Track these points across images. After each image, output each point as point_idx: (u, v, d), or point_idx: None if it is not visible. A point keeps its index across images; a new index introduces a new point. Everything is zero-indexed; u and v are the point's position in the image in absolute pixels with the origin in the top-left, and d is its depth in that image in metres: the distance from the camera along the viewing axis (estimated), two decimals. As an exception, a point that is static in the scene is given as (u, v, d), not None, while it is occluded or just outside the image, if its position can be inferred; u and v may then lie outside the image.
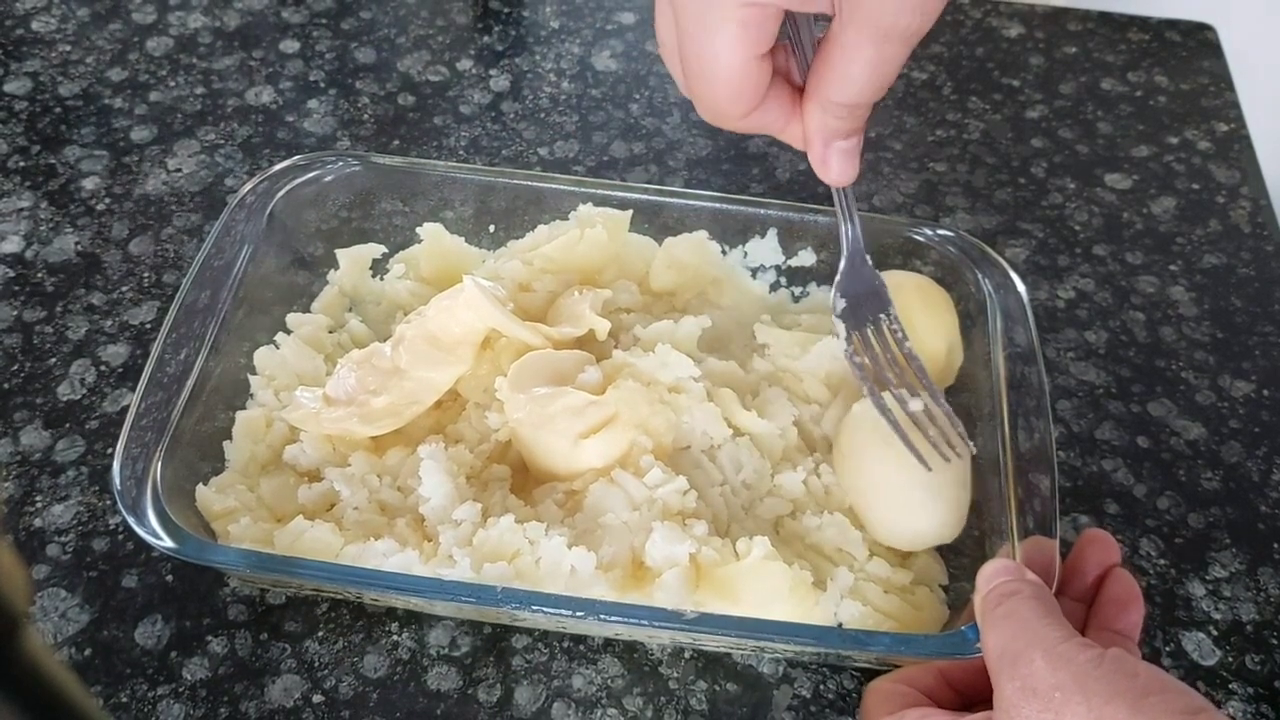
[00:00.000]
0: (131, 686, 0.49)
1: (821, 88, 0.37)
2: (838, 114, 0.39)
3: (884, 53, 0.35)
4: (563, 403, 0.50)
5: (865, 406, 0.50)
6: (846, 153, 0.41)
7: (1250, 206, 0.71)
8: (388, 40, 0.79)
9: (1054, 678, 0.36)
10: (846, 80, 0.36)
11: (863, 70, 0.36)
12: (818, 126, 0.40)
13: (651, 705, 0.49)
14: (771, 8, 0.34)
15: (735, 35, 0.35)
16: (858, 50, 0.35)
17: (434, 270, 0.60)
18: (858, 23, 0.34)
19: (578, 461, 0.50)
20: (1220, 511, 0.57)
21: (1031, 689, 0.37)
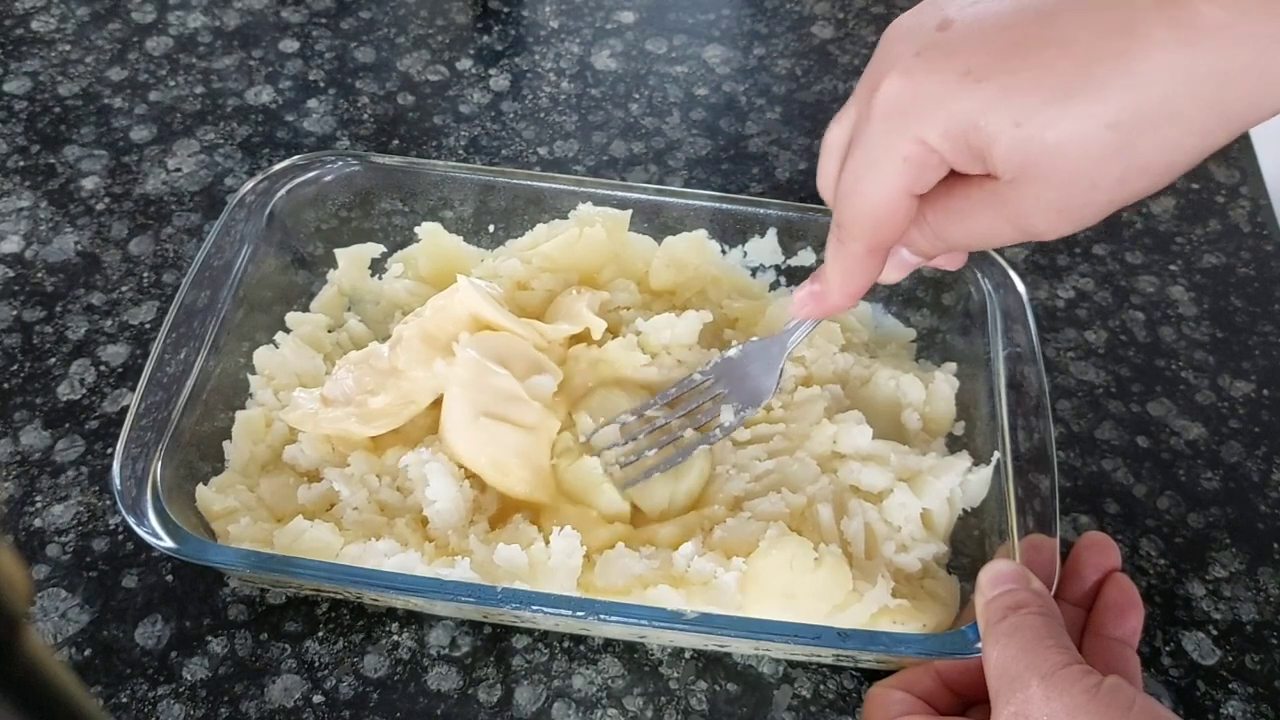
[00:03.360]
0: (132, 686, 0.49)
1: (935, 222, 0.38)
2: (926, 251, 0.41)
3: (1007, 237, 0.37)
4: (496, 382, 0.50)
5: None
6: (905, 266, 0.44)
7: (1250, 206, 0.71)
8: (387, 40, 0.79)
9: (1047, 707, 0.37)
10: (962, 232, 0.38)
11: (980, 237, 0.38)
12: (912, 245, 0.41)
13: (652, 705, 0.49)
14: (938, 156, 0.35)
15: (898, 168, 0.36)
16: (989, 223, 0.37)
17: (432, 270, 0.60)
18: (1008, 205, 0.35)
19: (462, 437, 0.50)
20: (1220, 511, 0.57)
21: (1025, 716, 0.37)
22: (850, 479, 0.51)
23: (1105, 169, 0.33)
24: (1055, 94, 0.32)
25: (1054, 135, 0.32)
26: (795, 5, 0.84)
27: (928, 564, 0.50)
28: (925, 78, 0.35)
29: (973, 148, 0.34)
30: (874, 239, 0.39)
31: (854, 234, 0.39)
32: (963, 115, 0.34)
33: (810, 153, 0.73)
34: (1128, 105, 0.32)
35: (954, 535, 0.51)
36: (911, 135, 0.35)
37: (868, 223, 0.38)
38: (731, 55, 0.79)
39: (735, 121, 0.75)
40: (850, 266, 0.41)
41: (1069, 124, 0.32)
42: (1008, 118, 0.33)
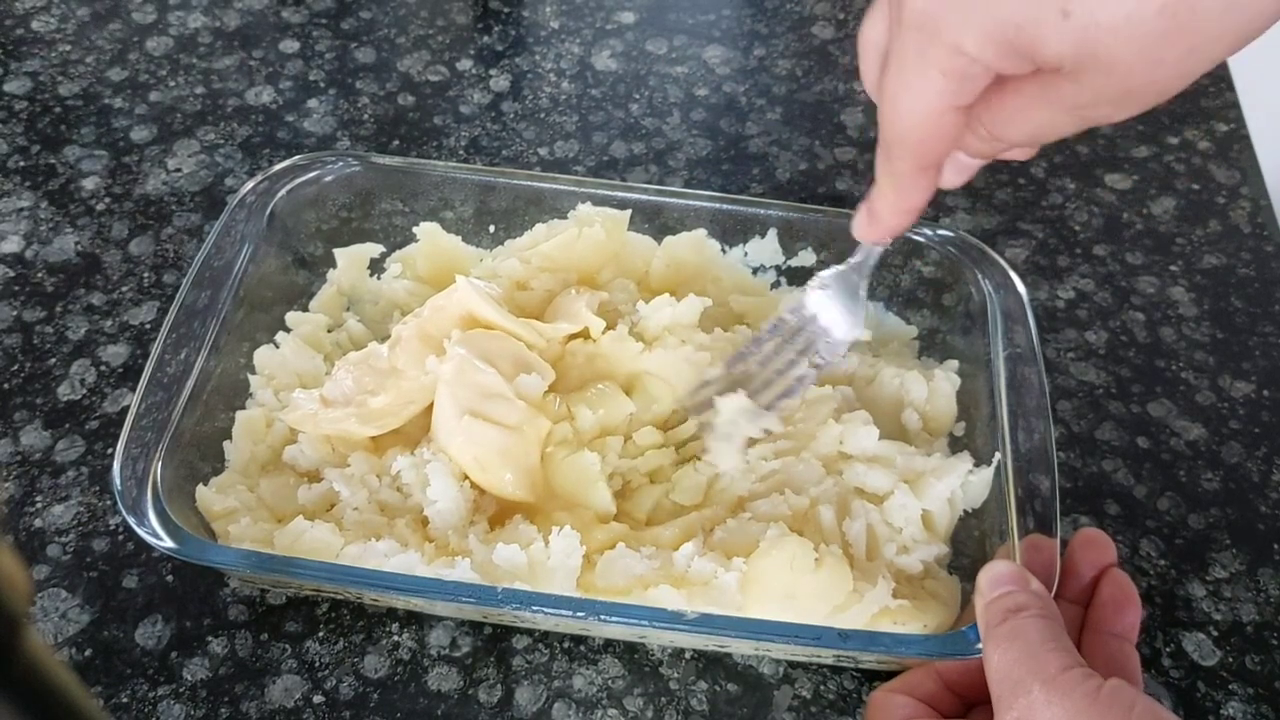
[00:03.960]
0: (132, 687, 0.49)
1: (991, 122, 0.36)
2: (984, 153, 0.38)
3: (1072, 128, 0.35)
4: (481, 380, 0.50)
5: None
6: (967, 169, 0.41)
7: (1250, 206, 0.71)
8: (388, 40, 0.79)
9: (1049, 711, 0.37)
10: (1021, 130, 0.35)
11: (1041, 131, 0.35)
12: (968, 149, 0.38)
13: (652, 706, 0.49)
14: (981, 65, 0.32)
15: (938, 85, 0.33)
16: (1050, 118, 0.34)
17: (431, 269, 0.60)
18: (1068, 97, 0.33)
19: (449, 434, 0.50)
20: (1220, 512, 0.57)
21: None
22: (855, 481, 0.51)
23: (1170, 43, 0.30)
24: None
25: (1109, 18, 0.29)
26: (795, 5, 0.84)
27: (929, 565, 0.50)
28: None
29: (1018, 49, 0.31)
30: (923, 157, 0.37)
31: (901, 153, 0.37)
32: (1005, 17, 0.31)
33: (811, 153, 0.73)
34: None
35: (955, 536, 0.51)
36: (948, 45, 0.32)
37: (913, 142, 0.36)
38: (732, 56, 0.79)
39: (735, 122, 0.75)
40: (901, 185, 0.38)
41: (1124, 2, 0.29)
42: (1054, 8, 0.30)
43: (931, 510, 0.50)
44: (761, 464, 0.52)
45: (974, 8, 0.31)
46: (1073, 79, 0.32)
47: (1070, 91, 0.32)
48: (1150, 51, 0.30)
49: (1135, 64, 0.30)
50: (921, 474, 0.51)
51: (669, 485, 0.52)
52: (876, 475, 0.50)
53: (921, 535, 0.50)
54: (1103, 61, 0.31)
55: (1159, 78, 0.31)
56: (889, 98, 0.35)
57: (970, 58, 0.32)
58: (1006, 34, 0.31)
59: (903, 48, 0.34)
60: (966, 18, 0.31)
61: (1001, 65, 0.32)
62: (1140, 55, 0.30)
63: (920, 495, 0.50)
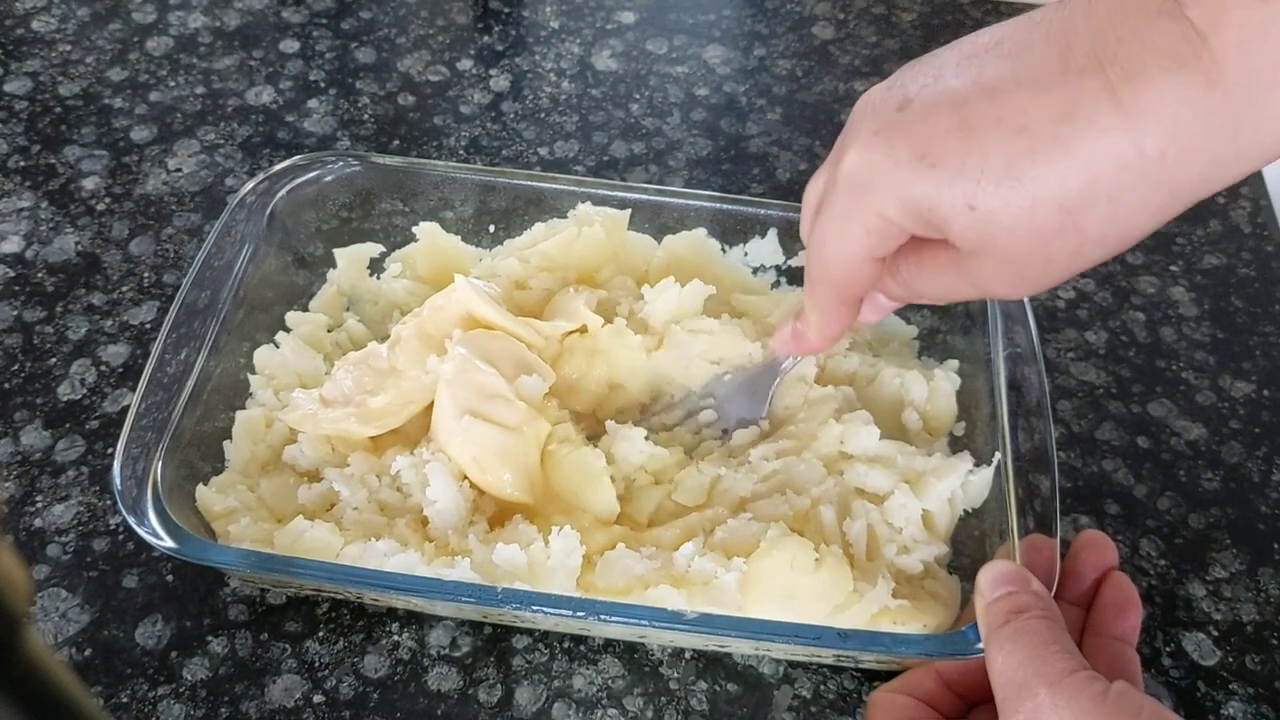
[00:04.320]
0: (132, 686, 0.49)
1: (906, 275, 0.40)
2: (899, 297, 0.43)
3: (972, 296, 0.39)
4: (481, 380, 0.50)
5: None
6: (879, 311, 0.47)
7: (1250, 206, 0.71)
8: (388, 40, 0.79)
9: (1056, 714, 0.37)
10: (929, 287, 0.40)
11: (945, 292, 0.40)
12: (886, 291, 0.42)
13: (652, 705, 0.49)
14: (898, 228, 0.37)
15: (859, 236, 0.38)
16: (954, 284, 0.39)
17: (430, 269, 0.60)
18: (970, 272, 0.37)
19: (448, 434, 0.50)
20: (1220, 512, 0.57)
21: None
22: (856, 481, 0.51)
23: (1058, 245, 0.34)
24: (1005, 176, 0.33)
25: (1006, 217, 0.34)
26: (796, 5, 0.84)
27: (929, 565, 0.50)
28: (882, 158, 0.36)
29: (930, 223, 0.36)
30: (843, 294, 0.42)
31: (823, 288, 0.42)
32: (918, 196, 0.35)
33: (811, 153, 0.73)
34: (1076, 186, 0.33)
35: (955, 535, 0.51)
36: (872, 209, 0.37)
37: (835, 279, 0.41)
38: (732, 56, 0.79)
39: (736, 122, 0.75)
40: (825, 314, 0.43)
41: (1020, 205, 0.33)
42: (961, 200, 0.34)
43: (932, 510, 0.50)
44: (763, 464, 0.52)
45: (896, 182, 0.36)
46: (974, 259, 0.36)
47: (972, 267, 0.37)
48: (1041, 249, 0.34)
49: (1027, 257, 0.35)
50: (922, 474, 0.51)
51: (672, 486, 0.52)
52: (877, 475, 0.50)
53: (922, 535, 0.50)
54: (999, 251, 0.35)
55: (1048, 271, 0.36)
56: (817, 241, 0.40)
57: (889, 220, 0.37)
58: (920, 210, 0.36)
59: (834, 201, 0.39)
60: (890, 188, 0.36)
61: (915, 230, 0.37)
62: (1032, 249, 0.34)
63: (920, 495, 0.50)
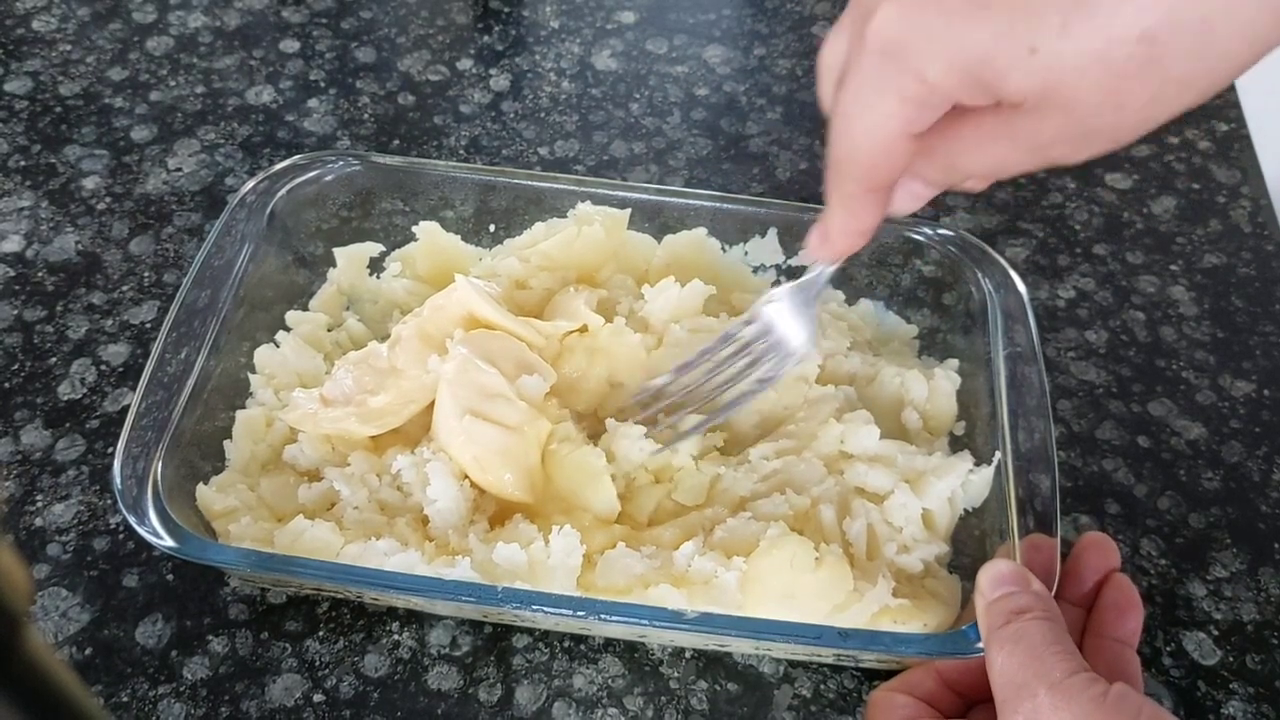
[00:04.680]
0: (132, 686, 0.49)
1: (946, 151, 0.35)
2: (937, 181, 0.38)
3: (1028, 165, 0.34)
4: (482, 379, 0.50)
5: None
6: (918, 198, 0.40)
7: (1250, 206, 0.71)
8: (388, 40, 0.79)
9: (1056, 716, 0.37)
10: (977, 162, 0.35)
11: (996, 165, 0.35)
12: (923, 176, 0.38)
13: (652, 705, 0.49)
14: (941, 94, 0.32)
15: (893, 109, 0.33)
16: (1006, 153, 0.34)
17: (430, 269, 0.60)
18: (1026, 134, 0.32)
19: (449, 433, 0.50)
20: (1221, 511, 0.57)
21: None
22: (856, 480, 0.51)
23: (1136, 87, 0.29)
24: (1076, 11, 0.28)
25: (1074, 58, 0.29)
26: (796, 5, 0.84)
27: (929, 564, 0.50)
28: (925, 8, 0.31)
29: (982, 82, 0.31)
30: (872, 180, 0.36)
31: (850, 174, 0.36)
32: (971, 49, 0.30)
33: (811, 153, 0.73)
34: (1157, 16, 0.28)
35: (955, 534, 0.51)
36: (911, 73, 0.32)
37: (864, 165, 0.35)
38: (732, 55, 0.79)
39: (736, 121, 0.75)
40: (852, 207, 0.38)
41: (1093, 42, 0.28)
42: (1023, 44, 0.29)
43: (932, 509, 0.50)
44: (763, 463, 0.52)
45: (940, 37, 0.31)
46: (1033, 116, 0.31)
47: (1029, 128, 0.32)
48: (1113, 94, 0.30)
49: (1097, 105, 0.30)
50: (922, 473, 0.51)
51: (671, 485, 0.52)
52: (877, 475, 0.50)
53: (922, 534, 0.50)
54: (1064, 100, 0.30)
55: (1119, 121, 0.31)
56: (843, 117, 0.35)
57: (931, 86, 0.32)
58: (971, 66, 0.31)
59: (862, 70, 0.33)
60: (932, 46, 0.31)
61: (962, 96, 0.32)
62: (1103, 97, 0.30)
63: (921, 494, 0.50)
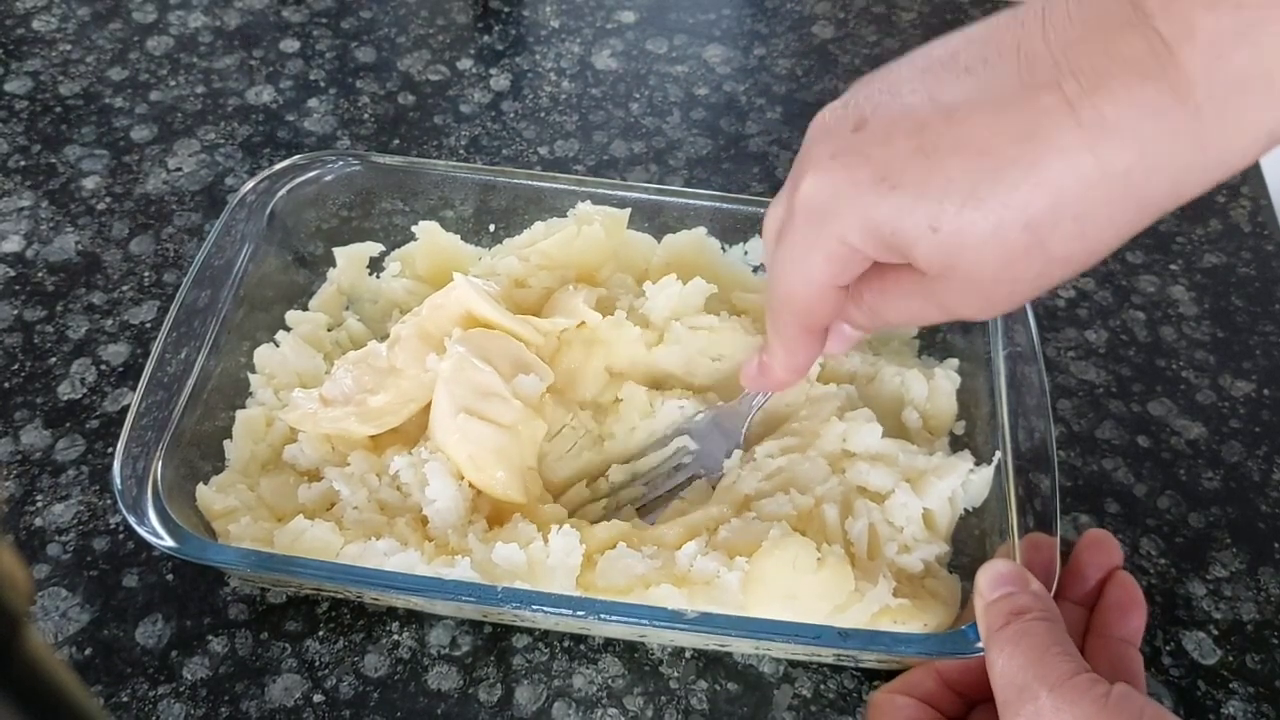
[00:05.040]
0: (132, 686, 0.49)
1: (870, 302, 0.40)
2: (864, 326, 0.42)
3: (938, 319, 0.39)
4: (478, 378, 0.50)
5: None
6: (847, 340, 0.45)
7: (1250, 206, 0.71)
8: (388, 40, 0.79)
9: (1057, 717, 0.37)
10: (895, 313, 0.39)
11: (912, 317, 0.40)
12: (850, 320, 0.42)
13: (652, 705, 0.49)
14: (860, 255, 0.36)
15: (820, 264, 0.37)
16: (920, 309, 0.38)
17: (430, 268, 0.60)
18: (936, 295, 0.37)
19: (445, 431, 0.50)
20: (1221, 511, 0.57)
21: None
22: (858, 479, 0.51)
23: (1024, 266, 0.34)
24: (968, 198, 0.33)
25: (971, 239, 0.33)
26: (796, 5, 0.84)
27: (929, 564, 0.50)
28: (841, 182, 0.35)
29: (893, 248, 0.35)
30: (806, 322, 0.41)
31: (786, 317, 0.41)
32: (880, 220, 0.34)
33: (811, 152, 0.73)
34: (1040, 206, 0.32)
35: (955, 534, 0.51)
36: (833, 235, 0.36)
37: (798, 310, 0.40)
38: (732, 55, 0.79)
39: (736, 121, 0.75)
40: (789, 346, 0.43)
41: (984, 227, 0.33)
42: (924, 222, 0.33)
43: (932, 509, 0.50)
44: (768, 461, 0.52)
45: (856, 207, 0.35)
46: (939, 282, 0.35)
47: (938, 290, 0.36)
48: (1006, 269, 0.34)
49: (993, 278, 0.34)
50: (923, 473, 0.51)
51: None
52: (879, 474, 0.50)
53: (923, 534, 0.50)
54: (964, 272, 0.34)
55: (1014, 290, 0.35)
56: (778, 270, 0.39)
57: (850, 247, 0.36)
58: (883, 234, 0.35)
59: (794, 229, 0.38)
60: (849, 215, 0.35)
61: (878, 255, 0.36)
62: (997, 271, 0.34)
63: (921, 494, 0.50)
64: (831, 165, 0.36)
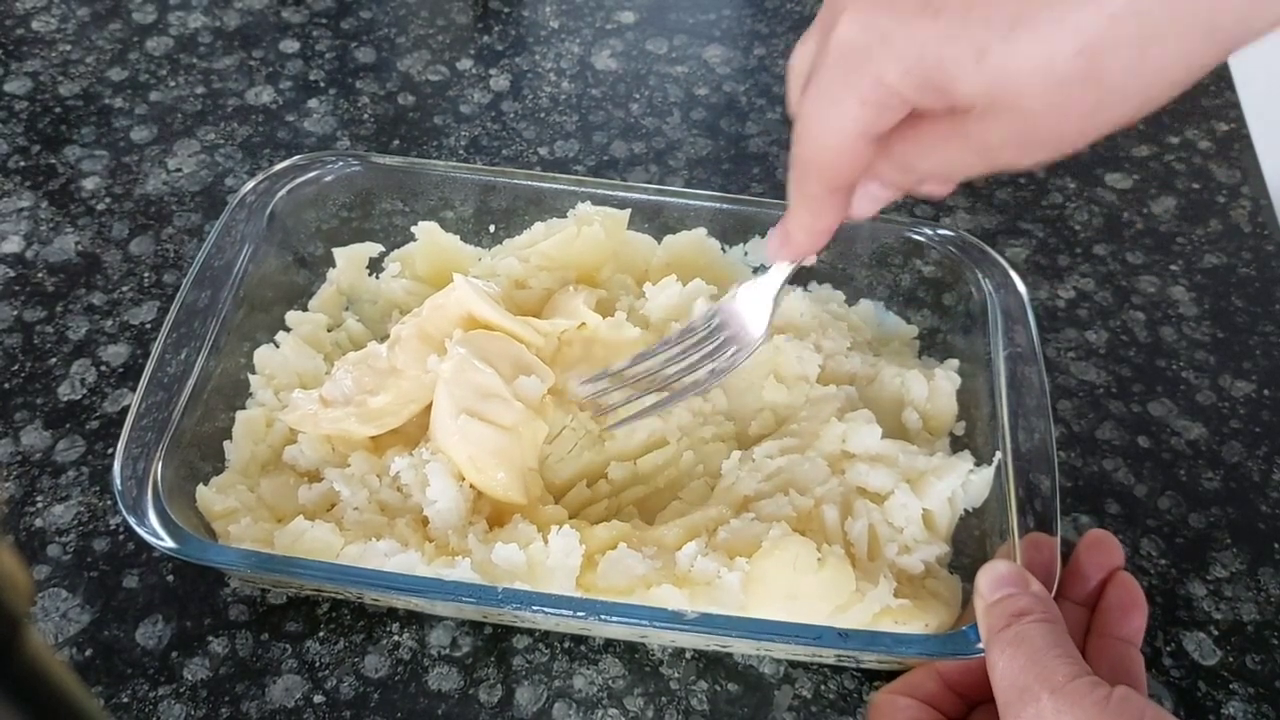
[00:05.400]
0: (132, 686, 0.49)
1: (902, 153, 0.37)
2: (895, 183, 0.39)
3: (978, 168, 0.36)
4: (479, 379, 0.50)
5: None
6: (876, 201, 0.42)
7: (1250, 206, 0.71)
8: (388, 40, 0.79)
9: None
10: (931, 164, 0.37)
11: (950, 168, 0.37)
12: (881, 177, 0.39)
13: (652, 705, 0.49)
14: (899, 98, 0.34)
15: (854, 111, 0.35)
16: (958, 155, 0.35)
17: (429, 269, 0.60)
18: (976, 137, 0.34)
19: (445, 433, 0.50)
20: (1221, 511, 0.57)
21: None
22: (859, 480, 0.51)
23: (1077, 97, 0.31)
24: (1019, 19, 0.30)
25: (1019, 64, 0.30)
26: (796, 5, 0.84)
27: (930, 564, 0.50)
28: (882, 14, 0.33)
29: (935, 85, 0.32)
30: (833, 180, 0.38)
31: (812, 174, 0.38)
32: (923, 52, 0.32)
33: (811, 153, 0.73)
34: (1099, 27, 0.29)
35: (955, 535, 0.51)
36: (869, 77, 0.33)
37: (825, 164, 0.37)
38: (732, 55, 0.79)
39: (736, 121, 0.75)
40: (813, 206, 0.40)
41: (1035, 51, 0.30)
42: (970, 49, 0.31)
43: (932, 510, 0.50)
44: (768, 461, 0.52)
45: (897, 43, 0.32)
46: (983, 120, 0.33)
47: (979, 131, 0.33)
48: (1056, 102, 0.31)
49: (1041, 112, 0.32)
50: (923, 473, 0.51)
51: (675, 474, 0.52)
52: (879, 474, 0.50)
53: (923, 535, 0.50)
54: (1010, 105, 0.32)
55: (1063, 128, 0.32)
56: (806, 119, 0.36)
57: (888, 89, 0.33)
58: (924, 69, 0.32)
59: (825, 74, 0.35)
60: (889, 51, 0.33)
61: (918, 100, 0.33)
62: (1046, 104, 0.31)
63: (921, 495, 0.50)
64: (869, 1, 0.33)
